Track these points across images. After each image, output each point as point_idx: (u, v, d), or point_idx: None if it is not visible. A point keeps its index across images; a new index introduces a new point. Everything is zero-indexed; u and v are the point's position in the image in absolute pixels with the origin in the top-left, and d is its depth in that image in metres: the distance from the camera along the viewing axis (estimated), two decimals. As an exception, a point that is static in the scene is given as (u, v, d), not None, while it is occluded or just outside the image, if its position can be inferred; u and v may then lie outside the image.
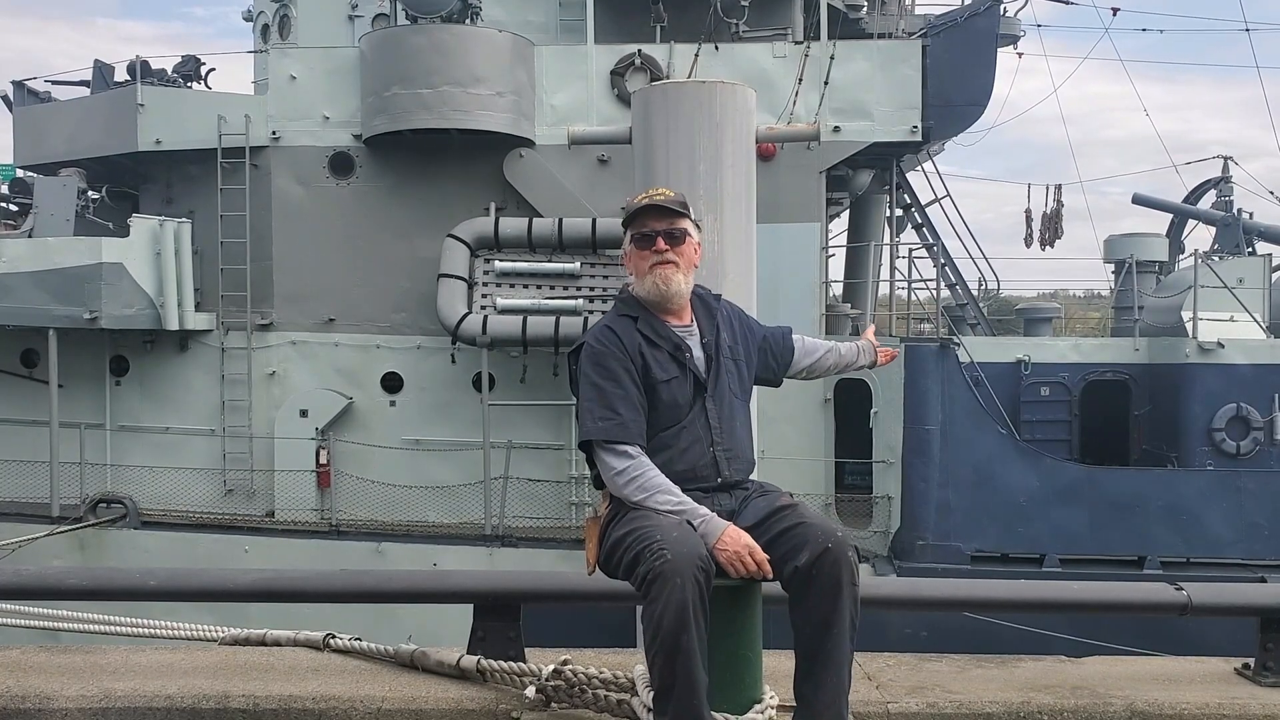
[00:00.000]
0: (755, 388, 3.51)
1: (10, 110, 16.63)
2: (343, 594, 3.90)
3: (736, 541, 2.91)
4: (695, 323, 3.29)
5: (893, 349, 3.83)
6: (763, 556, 2.89)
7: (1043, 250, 19.59)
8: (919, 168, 18.22)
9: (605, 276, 14.02)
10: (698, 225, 3.28)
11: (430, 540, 13.33)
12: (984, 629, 7.13)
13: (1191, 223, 19.48)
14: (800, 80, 13.97)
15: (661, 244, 3.19)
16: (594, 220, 13.83)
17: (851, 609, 2.88)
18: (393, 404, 14.78)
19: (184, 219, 14.73)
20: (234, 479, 14.64)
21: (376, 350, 14.78)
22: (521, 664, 3.51)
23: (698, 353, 3.24)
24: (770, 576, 2.92)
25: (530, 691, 3.34)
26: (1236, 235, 17.28)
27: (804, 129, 13.89)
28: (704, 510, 2.98)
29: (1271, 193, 18.18)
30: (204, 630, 4.38)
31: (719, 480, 3.13)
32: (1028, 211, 19.57)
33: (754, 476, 3.31)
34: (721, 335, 3.30)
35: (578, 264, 13.97)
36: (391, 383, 14.81)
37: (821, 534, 2.89)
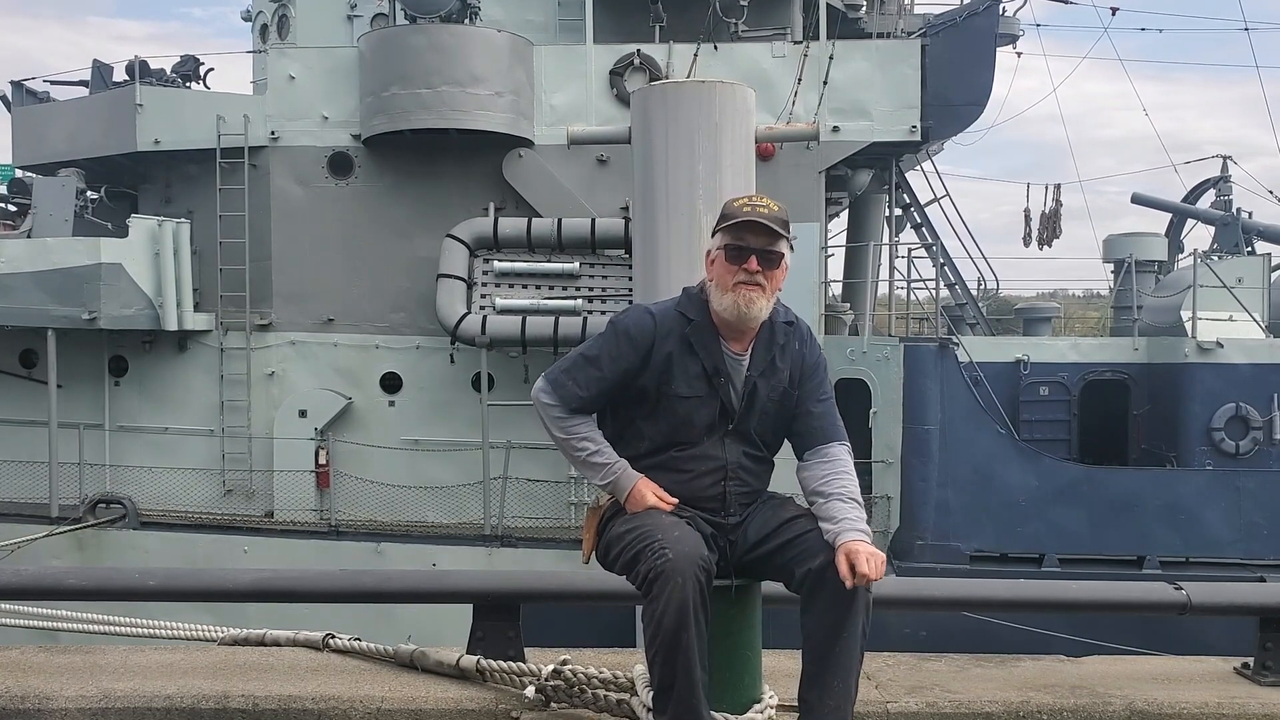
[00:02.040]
0: None
1: (9, 110, 16.62)
2: (342, 594, 3.90)
3: (641, 498, 2.98)
4: (751, 351, 3.08)
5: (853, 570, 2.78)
6: (672, 502, 2.98)
7: (1041, 249, 19.62)
8: (918, 167, 18.22)
9: (605, 277, 14.02)
10: (791, 245, 3.05)
11: (429, 540, 13.33)
12: (983, 629, 7.13)
13: (1191, 222, 19.49)
14: (799, 80, 13.97)
15: (754, 264, 2.97)
16: (593, 220, 13.82)
17: (864, 615, 2.86)
18: (392, 404, 14.77)
19: (183, 219, 14.71)
20: (233, 479, 14.63)
21: (375, 350, 14.77)
22: (521, 664, 3.51)
23: (740, 383, 3.06)
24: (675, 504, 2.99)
25: (530, 691, 3.34)
26: (1236, 235, 17.29)
27: (803, 129, 13.83)
28: (617, 467, 3.04)
29: (1271, 192, 18.18)
30: (203, 630, 4.39)
31: (724, 513, 3.06)
32: (1026, 211, 19.59)
33: None
34: (778, 372, 3.09)
35: (577, 264, 13.96)
36: (390, 383, 14.80)
37: None
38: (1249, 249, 17.23)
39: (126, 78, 15.53)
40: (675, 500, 3.00)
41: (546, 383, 3.12)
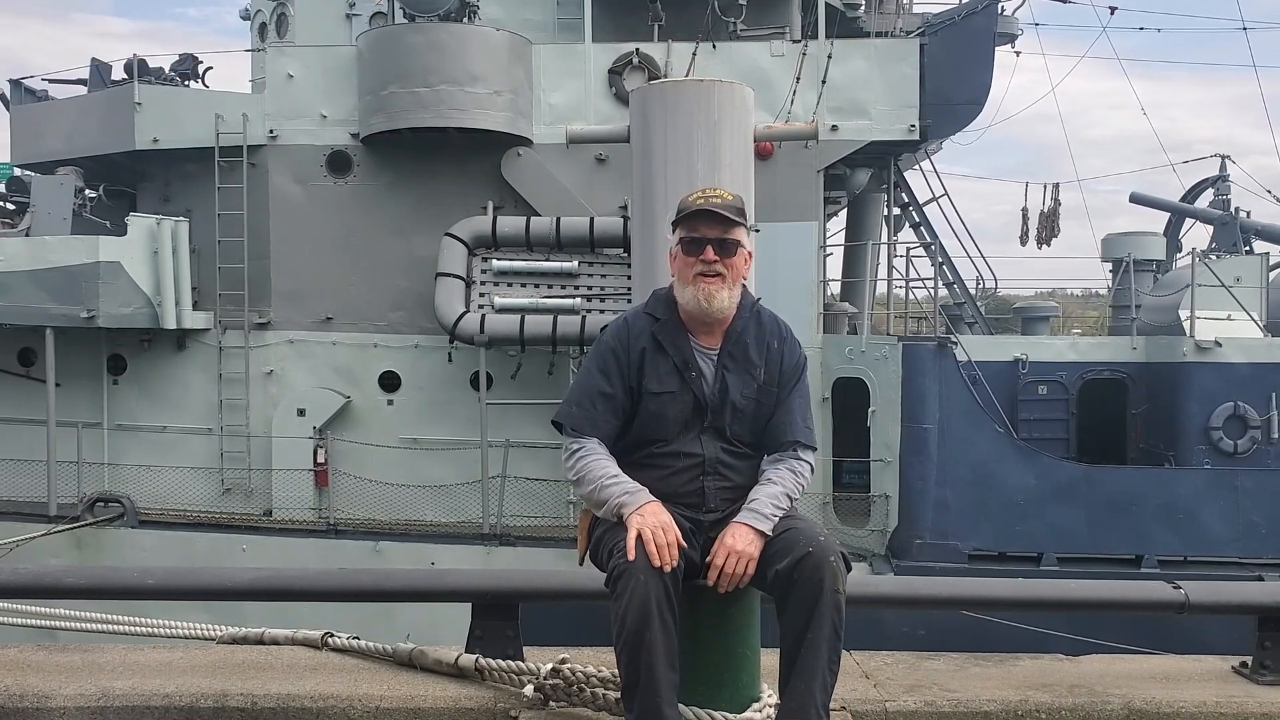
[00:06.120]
0: None
1: (7, 109, 16.60)
2: (341, 593, 3.90)
3: (656, 516, 2.82)
4: (724, 345, 3.10)
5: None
6: (674, 538, 2.79)
7: (1039, 248, 19.60)
8: (916, 166, 18.22)
9: (603, 275, 14.02)
10: (751, 231, 3.13)
11: (428, 539, 13.33)
12: (982, 628, 7.14)
13: (1189, 221, 19.49)
14: (798, 79, 13.96)
15: (711, 253, 3.00)
16: (591, 219, 13.82)
17: (833, 615, 2.81)
18: (390, 403, 14.77)
19: (181, 218, 14.70)
20: (231, 478, 14.62)
21: (374, 349, 14.77)
22: (519, 663, 3.51)
23: (710, 376, 3.07)
24: (673, 563, 2.77)
25: (528, 690, 3.34)
26: (1234, 234, 17.29)
27: (802, 128, 13.82)
28: (634, 485, 2.92)
29: (1269, 191, 18.17)
30: (202, 629, 4.39)
31: (703, 508, 3.03)
32: (1024, 210, 19.57)
33: None
34: (752, 367, 3.09)
35: (575, 263, 13.95)
36: (389, 381, 14.79)
37: (804, 539, 2.86)
38: (1247, 248, 17.23)
39: (125, 76, 15.51)
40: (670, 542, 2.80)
41: (566, 436, 3.10)
